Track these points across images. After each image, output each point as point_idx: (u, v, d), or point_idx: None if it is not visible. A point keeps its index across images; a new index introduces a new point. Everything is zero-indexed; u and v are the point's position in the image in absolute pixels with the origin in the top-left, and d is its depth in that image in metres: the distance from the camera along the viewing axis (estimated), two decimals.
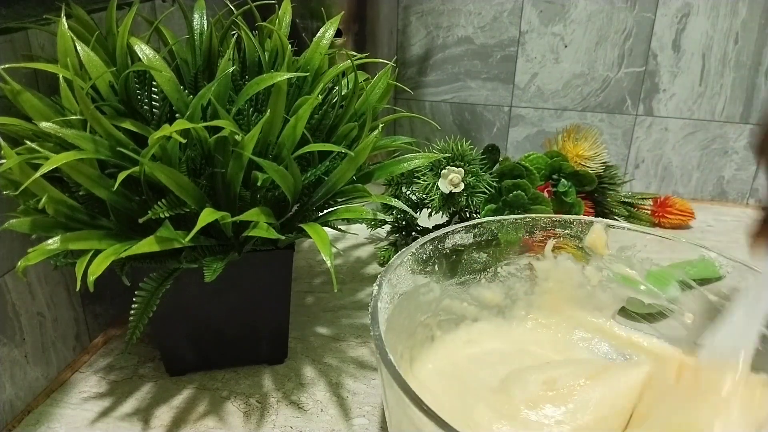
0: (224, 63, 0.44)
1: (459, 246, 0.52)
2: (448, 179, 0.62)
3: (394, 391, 0.35)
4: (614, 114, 0.89)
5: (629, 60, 0.86)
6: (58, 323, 0.52)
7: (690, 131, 0.87)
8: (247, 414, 0.49)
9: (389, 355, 0.37)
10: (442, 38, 0.89)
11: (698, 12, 0.81)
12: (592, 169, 0.70)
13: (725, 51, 0.83)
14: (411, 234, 0.70)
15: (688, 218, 0.80)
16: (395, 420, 0.39)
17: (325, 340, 0.58)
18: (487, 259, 0.54)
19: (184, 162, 0.44)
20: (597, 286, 0.54)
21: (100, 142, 0.41)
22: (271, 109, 0.44)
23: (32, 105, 0.42)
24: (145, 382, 0.52)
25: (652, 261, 0.52)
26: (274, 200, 0.47)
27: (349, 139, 0.50)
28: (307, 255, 0.72)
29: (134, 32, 0.46)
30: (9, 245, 0.46)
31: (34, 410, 0.49)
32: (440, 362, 0.50)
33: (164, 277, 0.45)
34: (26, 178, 0.38)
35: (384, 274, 0.44)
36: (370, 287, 0.67)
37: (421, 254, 0.49)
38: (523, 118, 0.91)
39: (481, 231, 0.53)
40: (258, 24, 0.52)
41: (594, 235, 0.53)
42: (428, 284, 0.51)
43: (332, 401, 0.51)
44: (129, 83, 0.45)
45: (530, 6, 0.85)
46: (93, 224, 0.43)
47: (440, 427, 0.32)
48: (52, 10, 0.49)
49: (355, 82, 0.49)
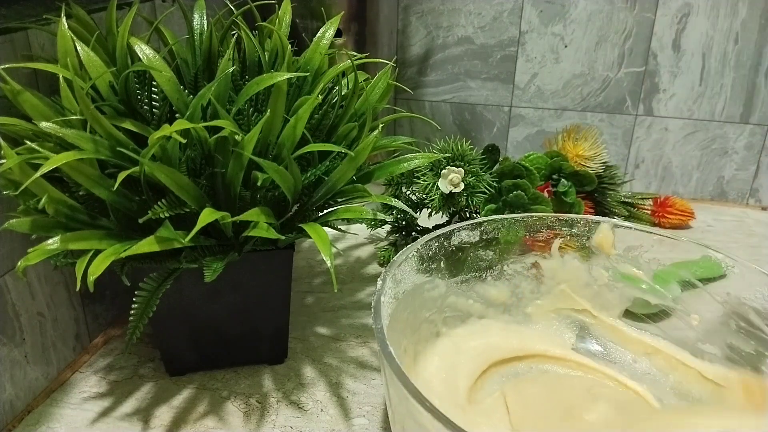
0: (224, 63, 0.44)
1: (465, 243, 0.52)
2: (448, 179, 0.62)
3: (396, 385, 0.35)
4: (614, 114, 0.89)
5: (629, 60, 0.86)
6: (58, 323, 0.52)
7: (690, 131, 0.87)
8: (247, 414, 0.49)
9: (389, 347, 0.37)
10: (442, 38, 0.89)
11: (698, 12, 0.81)
12: (592, 169, 0.70)
13: (725, 51, 0.83)
14: (411, 234, 0.71)
15: (688, 218, 0.80)
16: (398, 417, 0.38)
17: (325, 340, 0.58)
18: (493, 257, 0.54)
19: (184, 162, 0.44)
20: (604, 285, 0.54)
21: (100, 142, 0.41)
22: (271, 109, 0.44)
23: (32, 105, 0.42)
24: (145, 382, 0.52)
25: (658, 261, 0.52)
26: (274, 200, 0.47)
27: (349, 139, 0.50)
28: (307, 255, 0.72)
29: (134, 32, 0.46)
30: (9, 245, 0.46)
31: (34, 410, 0.49)
32: (446, 357, 0.50)
33: (164, 277, 0.45)
34: (26, 178, 0.38)
35: (388, 270, 0.44)
36: (370, 287, 0.67)
37: (427, 251, 0.49)
38: (523, 118, 0.91)
39: (486, 229, 0.53)
40: (258, 24, 0.52)
41: (601, 234, 0.53)
42: (433, 281, 0.51)
43: (332, 401, 0.51)
44: (129, 83, 0.45)
45: (530, 6, 0.85)
46: (93, 224, 0.43)
47: (439, 421, 0.32)
48: (52, 10, 0.49)
49: (355, 82, 0.49)
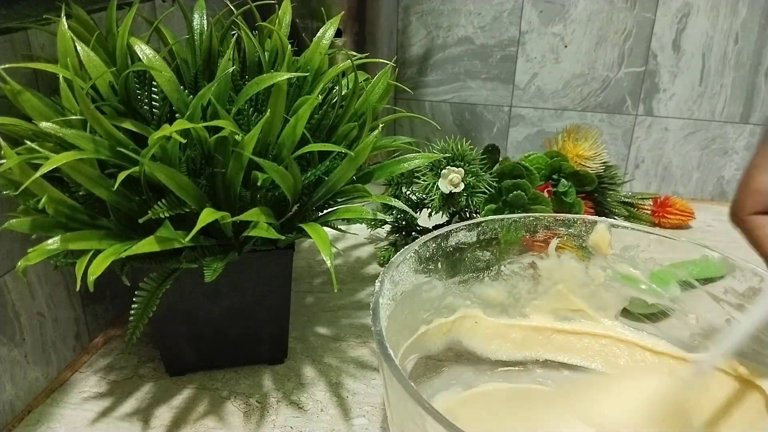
0: (224, 63, 0.44)
1: (462, 244, 0.52)
2: (448, 179, 0.62)
3: (395, 387, 0.35)
4: (614, 114, 0.89)
5: (629, 60, 0.86)
6: (58, 323, 0.52)
7: (690, 131, 0.87)
8: (247, 414, 0.49)
9: (389, 350, 0.37)
10: (442, 38, 0.89)
11: (698, 12, 0.81)
12: (592, 169, 0.70)
13: (725, 51, 0.83)
14: (411, 234, 0.70)
15: (688, 218, 0.80)
16: (397, 418, 0.39)
17: (325, 340, 0.58)
18: (490, 257, 0.54)
19: (184, 162, 0.44)
20: (601, 285, 0.54)
21: (100, 142, 0.41)
22: (271, 109, 0.44)
23: (32, 105, 0.42)
24: (145, 382, 0.52)
25: (655, 261, 0.52)
26: (274, 200, 0.47)
27: (349, 139, 0.50)
28: (307, 255, 0.72)
29: (134, 32, 0.46)
30: (9, 245, 0.46)
31: (34, 410, 0.49)
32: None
33: (164, 277, 0.45)
34: (26, 178, 0.38)
35: (386, 271, 0.44)
36: (370, 287, 0.67)
37: (424, 252, 0.49)
38: (523, 118, 0.91)
39: (484, 229, 0.53)
40: (258, 24, 0.52)
41: (598, 234, 0.53)
42: (431, 281, 0.50)
43: (332, 401, 0.51)
44: (129, 83, 0.45)
45: (530, 6, 0.85)
46: (93, 224, 0.43)
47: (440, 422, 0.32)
48: (52, 10, 0.49)
49: (355, 82, 0.49)
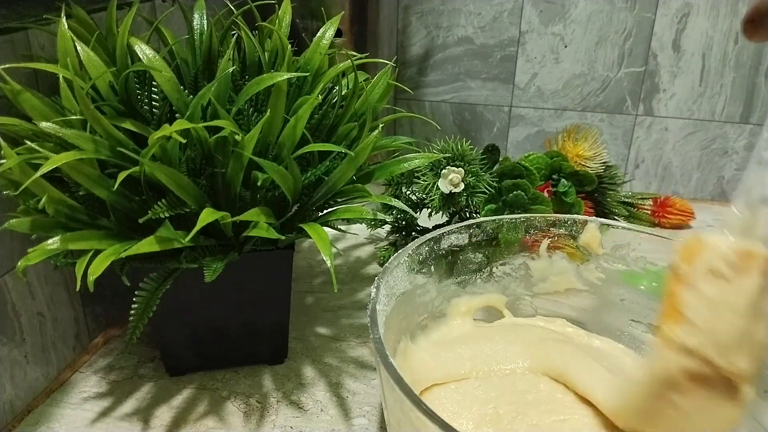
0: (224, 63, 0.44)
1: (455, 247, 0.52)
2: (448, 179, 0.62)
3: (395, 393, 0.35)
4: (614, 114, 0.89)
5: (629, 60, 0.86)
6: (58, 323, 0.52)
7: (690, 131, 0.87)
8: (247, 414, 0.49)
9: (390, 359, 0.37)
10: (442, 38, 0.89)
11: (698, 12, 0.81)
12: (592, 169, 0.70)
13: (725, 51, 0.83)
14: (411, 234, 0.70)
15: (688, 218, 0.80)
16: (394, 421, 0.39)
17: (325, 340, 0.58)
18: (482, 259, 0.54)
19: (184, 162, 0.44)
20: (593, 285, 0.54)
21: (100, 142, 0.41)
22: (271, 109, 0.44)
23: (32, 105, 0.42)
24: (145, 382, 0.52)
25: (646, 260, 0.52)
26: (274, 200, 0.47)
27: (349, 139, 0.50)
28: (307, 255, 0.72)
29: (134, 32, 0.46)
30: (9, 245, 0.46)
31: (34, 410, 0.49)
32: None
33: (164, 277, 0.45)
34: (26, 178, 0.38)
35: (381, 277, 0.45)
36: (370, 287, 0.66)
37: (418, 255, 0.49)
38: (523, 118, 0.91)
39: (476, 231, 0.53)
40: (258, 24, 0.52)
41: (588, 234, 0.53)
42: (425, 285, 0.51)
43: (332, 401, 0.51)
44: (129, 83, 0.45)
45: (530, 6, 0.85)
46: (93, 224, 0.43)
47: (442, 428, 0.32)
48: (52, 10, 0.49)
49: (355, 82, 0.49)
